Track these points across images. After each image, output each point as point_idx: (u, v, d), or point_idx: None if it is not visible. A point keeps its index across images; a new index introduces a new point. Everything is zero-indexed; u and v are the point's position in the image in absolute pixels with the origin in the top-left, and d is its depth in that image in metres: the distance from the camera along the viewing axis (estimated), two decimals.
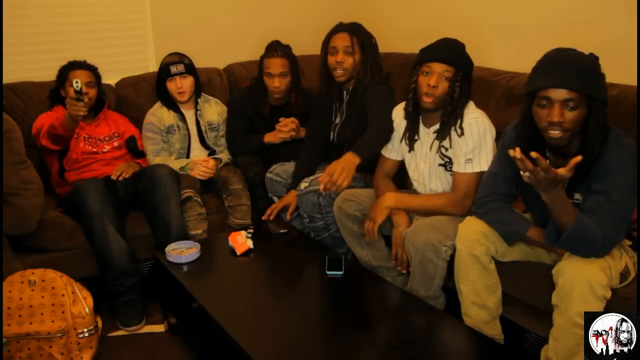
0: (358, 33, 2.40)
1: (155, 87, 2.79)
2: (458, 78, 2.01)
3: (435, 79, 1.99)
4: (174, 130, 2.75)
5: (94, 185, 2.36)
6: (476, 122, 2.01)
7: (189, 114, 2.81)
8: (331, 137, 2.57)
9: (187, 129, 2.78)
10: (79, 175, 2.52)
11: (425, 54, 2.05)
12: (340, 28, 2.43)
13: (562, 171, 1.48)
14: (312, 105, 2.77)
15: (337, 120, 2.55)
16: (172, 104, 2.76)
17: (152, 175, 2.42)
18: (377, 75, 2.40)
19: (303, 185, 2.41)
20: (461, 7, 2.97)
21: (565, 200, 1.59)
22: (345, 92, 2.50)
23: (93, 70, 2.61)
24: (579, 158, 1.46)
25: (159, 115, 2.73)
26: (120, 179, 2.49)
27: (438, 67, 2.00)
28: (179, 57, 2.74)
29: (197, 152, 2.82)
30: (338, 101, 2.55)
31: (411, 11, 3.27)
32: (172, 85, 2.70)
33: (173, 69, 2.68)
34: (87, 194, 2.30)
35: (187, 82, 2.72)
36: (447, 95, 2.01)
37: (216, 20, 3.25)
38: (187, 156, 2.79)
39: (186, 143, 2.77)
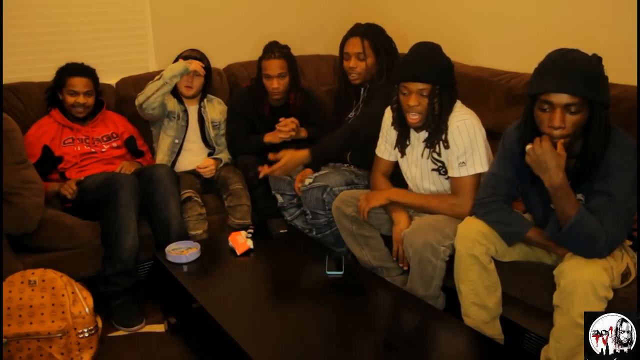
0: (370, 36, 2.43)
1: None
2: (436, 93, 1.96)
3: (414, 99, 1.96)
4: (174, 117, 2.73)
5: (130, 179, 2.37)
6: (464, 124, 1.99)
7: (192, 109, 2.80)
8: None
9: (187, 122, 2.77)
10: (79, 174, 2.51)
11: (399, 72, 2.01)
12: (353, 32, 2.47)
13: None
14: (311, 106, 2.78)
15: (351, 115, 2.57)
16: (177, 96, 2.76)
17: (151, 175, 2.42)
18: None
19: (307, 181, 2.42)
20: (462, 7, 2.98)
21: (568, 188, 1.60)
22: (362, 89, 2.54)
23: (91, 75, 2.57)
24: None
25: (166, 99, 2.72)
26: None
27: (413, 87, 1.96)
28: (200, 55, 2.74)
29: (196, 147, 2.80)
30: (355, 98, 2.58)
31: (412, 11, 3.27)
32: (183, 79, 2.67)
33: None
34: (124, 186, 2.29)
35: (198, 82, 2.72)
36: (429, 113, 1.98)
37: (216, 21, 3.25)
38: (180, 148, 2.75)
39: (182, 134, 2.75)
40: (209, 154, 2.82)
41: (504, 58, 2.75)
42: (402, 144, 2.17)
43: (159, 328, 2.29)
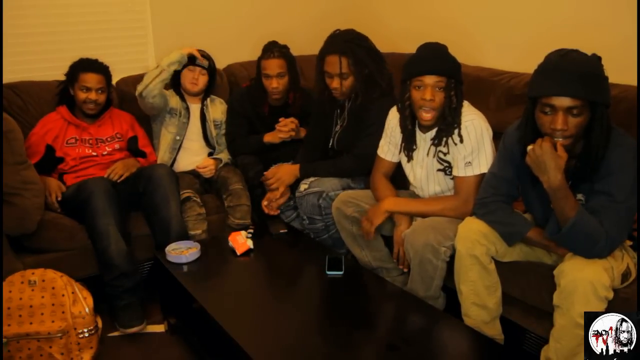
0: (348, 52, 2.29)
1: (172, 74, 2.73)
2: (452, 86, 1.96)
3: (430, 92, 1.94)
4: (175, 114, 2.74)
5: (101, 184, 2.36)
6: (472, 124, 1.99)
7: (194, 107, 2.80)
8: (331, 144, 2.57)
9: (188, 120, 2.77)
10: (76, 179, 2.50)
11: (413, 67, 1.98)
12: (331, 48, 2.33)
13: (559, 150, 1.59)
14: (310, 106, 2.78)
15: (337, 128, 2.53)
16: (179, 93, 2.77)
17: (150, 175, 2.42)
18: (377, 88, 2.34)
19: (303, 187, 2.41)
20: (462, 8, 2.97)
21: (566, 189, 1.60)
22: (347, 100, 2.46)
23: (104, 72, 2.55)
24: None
25: (167, 94, 2.72)
26: (118, 181, 2.47)
27: (430, 80, 1.94)
28: (206, 55, 2.76)
29: (196, 146, 2.80)
30: (339, 108, 2.53)
31: (411, 11, 3.27)
32: (189, 74, 2.69)
33: (198, 60, 2.69)
34: (93, 193, 2.29)
35: (203, 79, 2.74)
36: (445, 107, 1.97)
37: (216, 21, 3.25)
38: (180, 146, 2.76)
39: (183, 131, 2.75)
40: (209, 154, 2.82)
41: (504, 58, 2.75)
42: (409, 148, 2.15)
43: (159, 328, 2.29)
